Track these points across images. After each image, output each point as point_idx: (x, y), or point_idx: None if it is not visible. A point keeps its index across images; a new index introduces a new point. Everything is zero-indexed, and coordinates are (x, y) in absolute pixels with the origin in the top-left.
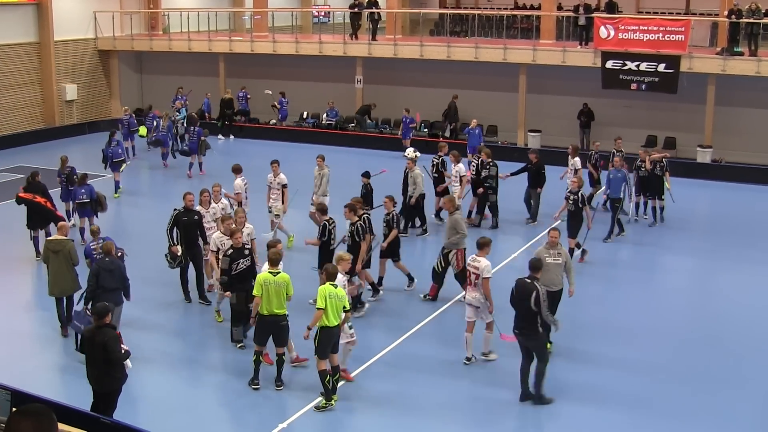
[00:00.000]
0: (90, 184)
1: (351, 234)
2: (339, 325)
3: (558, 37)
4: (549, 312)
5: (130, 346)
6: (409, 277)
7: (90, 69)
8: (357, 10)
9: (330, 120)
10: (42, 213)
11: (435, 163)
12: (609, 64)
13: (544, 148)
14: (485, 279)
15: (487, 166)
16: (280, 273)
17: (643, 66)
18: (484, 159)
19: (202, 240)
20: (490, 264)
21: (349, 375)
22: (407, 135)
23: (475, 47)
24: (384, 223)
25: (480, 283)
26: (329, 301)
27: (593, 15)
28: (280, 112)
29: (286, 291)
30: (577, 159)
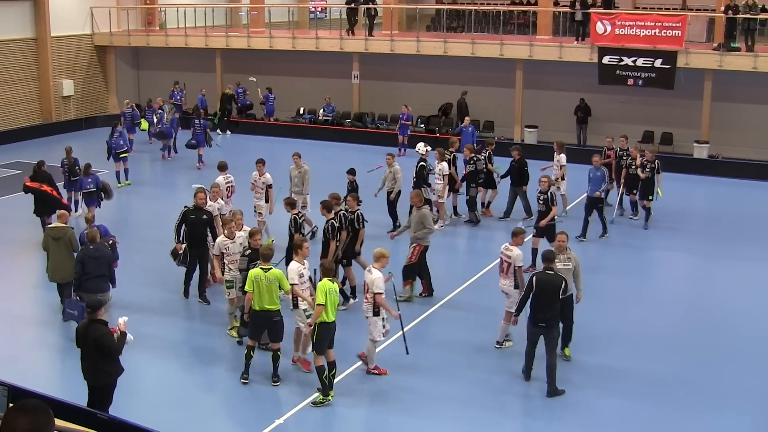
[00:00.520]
0: (95, 173)
1: (324, 231)
2: (335, 321)
3: (555, 33)
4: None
5: (130, 338)
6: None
7: (87, 65)
8: (354, 5)
9: (327, 115)
10: (48, 201)
11: (447, 159)
12: (606, 59)
13: (540, 143)
14: (518, 267)
15: (472, 161)
16: (271, 269)
17: (640, 61)
18: (466, 155)
19: (213, 240)
20: (521, 254)
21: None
22: (404, 132)
23: (472, 43)
24: (348, 223)
25: (513, 271)
26: (329, 297)
27: (590, 10)
28: (266, 107)
29: (279, 286)
30: (563, 156)
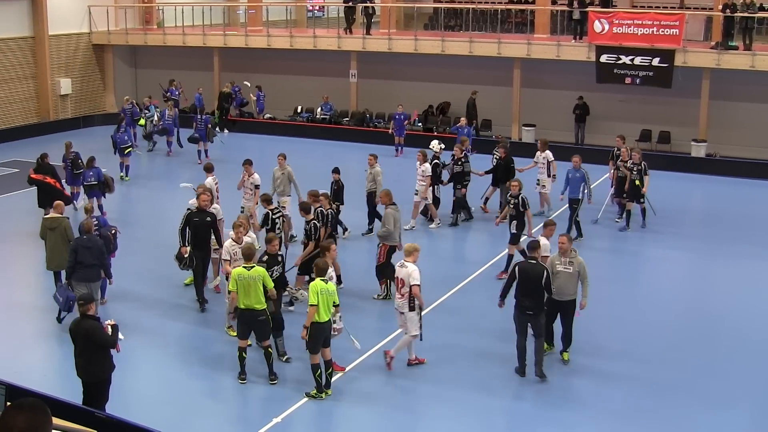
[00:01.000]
0: (98, 167)
1: (306, 233)
2: (329, 321)
3: (552, 32)
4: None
5: (122, 337)
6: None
7: (84, 63)
8: (351, 4)
9: (324, 114)
10: (52, 193)
11: (458, 158)
12: (603, 58)
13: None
14: (544, 257)
15: (459, 162)
16: (254, 267)
17: (638, 60)
18: (456, 154)
19: (217, 242)
20: (549, 244)
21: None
22: (401, 132)
23: (470, 41)
24: (327, 221)
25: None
26: (321, 297)
27: (588, 9)
28: (257, 105)
29: (263, 284)
30: (548, 152)
